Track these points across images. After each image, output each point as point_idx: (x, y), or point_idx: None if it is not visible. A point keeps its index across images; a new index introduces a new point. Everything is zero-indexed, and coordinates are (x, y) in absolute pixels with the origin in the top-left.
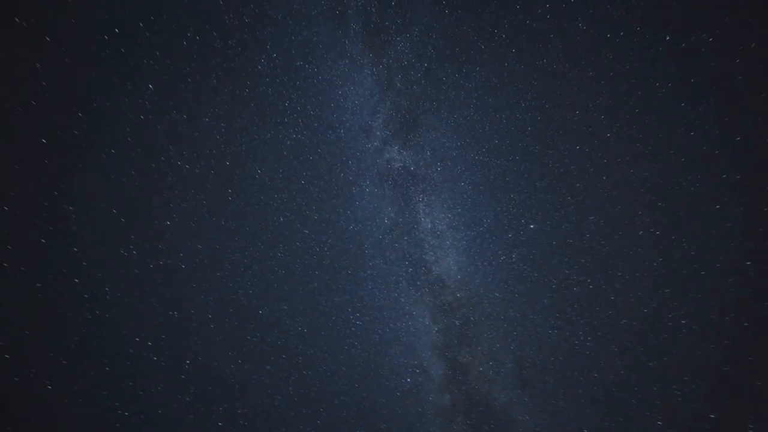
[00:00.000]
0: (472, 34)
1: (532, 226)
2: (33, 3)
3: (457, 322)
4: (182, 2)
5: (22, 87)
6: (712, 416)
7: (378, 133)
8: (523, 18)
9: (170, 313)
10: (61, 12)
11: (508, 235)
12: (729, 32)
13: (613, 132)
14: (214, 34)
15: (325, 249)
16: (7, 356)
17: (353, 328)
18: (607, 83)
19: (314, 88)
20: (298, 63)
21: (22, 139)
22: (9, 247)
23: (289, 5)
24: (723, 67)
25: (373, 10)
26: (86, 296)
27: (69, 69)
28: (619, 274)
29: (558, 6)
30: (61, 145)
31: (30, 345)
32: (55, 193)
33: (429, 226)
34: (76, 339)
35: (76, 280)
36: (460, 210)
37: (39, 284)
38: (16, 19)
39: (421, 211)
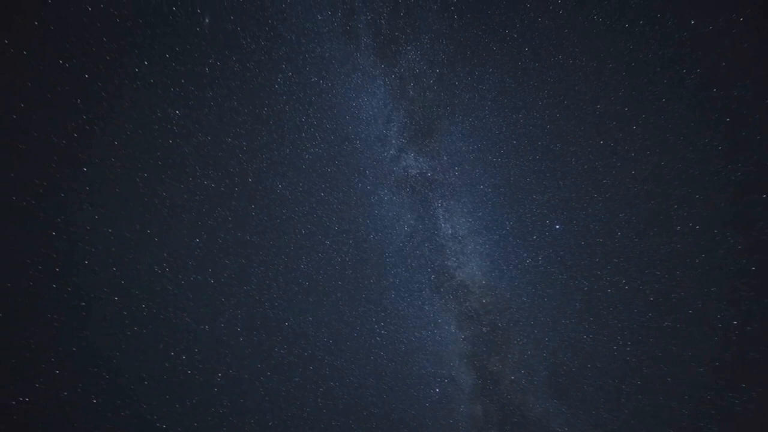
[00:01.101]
0: (482, 37)
1: (557, 227)
2: (74, 47)
3: (484, 329)
4: (204, 32)
5: (66, 121)
6: None
7: (393, 141)
8: (535, 16)
9: (202, 327)
10: (97, 52)
11: (532, 237)
12: (761, 9)
13: (639, 124)
14: (234, 58)
15: (347, 259)
16: (57, 371)
17: (378, 338)
18: (629, 74)
19: (329, 103)
20: (313, 79)
21: (67, 168)
22: (56, 269)
23: (301, 25)
24: (758, 47)
25: (383, 22)
26: (125, 313)
27: (105, 102)
28: (658, 273)
29: (570, 0)
30: (100, 173)
31: (76, 361)
32: (96, 216)
33: (450, 231)
34: (118, 354)
35: (116, 298)
36: (480, 214)
37: (83, 303)
38: (60, 61)
39: (440, 217)
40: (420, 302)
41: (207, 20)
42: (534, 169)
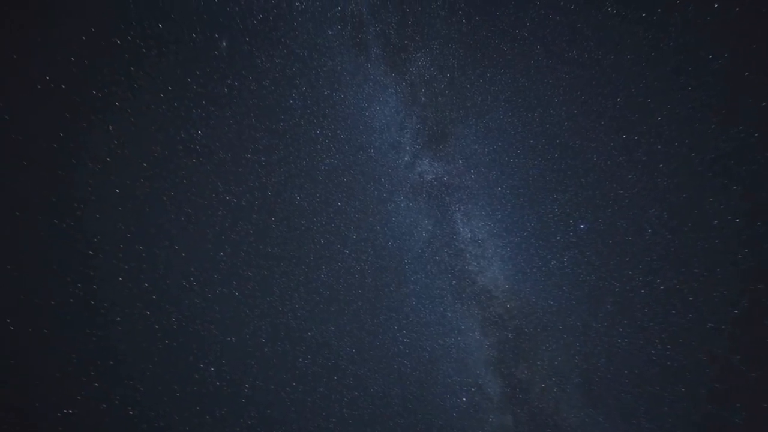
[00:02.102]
0: (492, 38)
1: (582, 226)
2: (106, 78)
3: (510, 335)
4: (222, 54)
5: (100, 147)
6: None
7: (407, 148)
8: (545, 13)
9: (229, 339)
10: (126, 81)
11: (556, 237)
12: None
13: (664, 115)
14: (250, 77)
15: (366, 267)
16: (96, 384)
17: (401, 346)
18: (650, 64)
19: (342, 114)
20: (326, 92)
21: (102, 191)
22: (94, 286)
23: (313, 41)
24: None
25: (392, 32)
26: (156, 327)
27: (134, 127)
28: (696, 271)
29: None
30: (131, 194)
31: (114, 374)
32: (128, 235)
33: (469, 235)
34: (151, 367)
35: (148, 313)
36: (500, 216)
37: (119, 318)
38: (94, 92)
39: (458, 221)
40: (442, 309)
41: (224, 44)
42: (553, 168)
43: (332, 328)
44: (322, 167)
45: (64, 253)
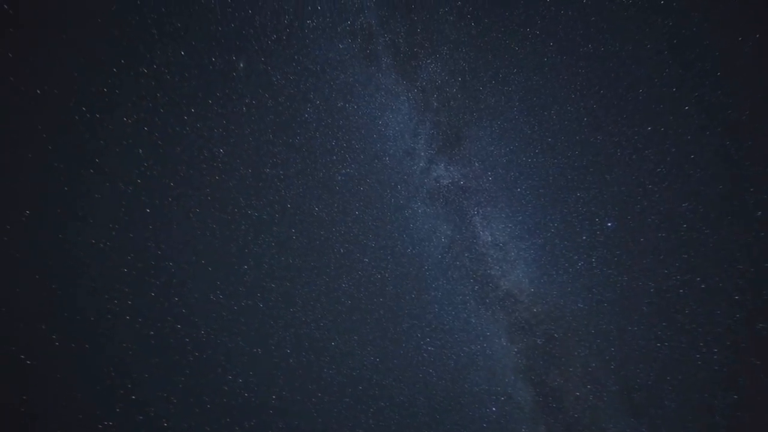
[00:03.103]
0: (503, 39)
1: (609, 224)
2: (135, 106)
3: (539, 341)
4: (240, 75)
5: (132, 169)
6: None
7: (422, 153)
8: (556, 9)
9: (255, 350)
10: (153, 107)
11: (581, 237)
12: None
13: (692, 103)
14: (266, 95)
15: (387, 275)
16: (133, 397)
17: (425, 355)
18: (673, 52)
19: (356, 124)
20: (339, 104)
21: (135, 212)
22: (129, 302)
23: (325, 56)
24: None
25: (401, 41)
26: (187, 340)
27: (161, 149)
28: (740, 267)
29: None
30: (161, 213)
31: (149, 387)
32: (158, 252)
33: (489, 239)
34: (183, 379)
35: (179, 326)
36: (520, 217)
37: (152, 332)
38: (124, 119)
39: (478, 225)
40: (465, 315)
41: (242, 65)
42: (574, 166)
43: (355, 337)
44: (339, 177)
45: (100, 272)
